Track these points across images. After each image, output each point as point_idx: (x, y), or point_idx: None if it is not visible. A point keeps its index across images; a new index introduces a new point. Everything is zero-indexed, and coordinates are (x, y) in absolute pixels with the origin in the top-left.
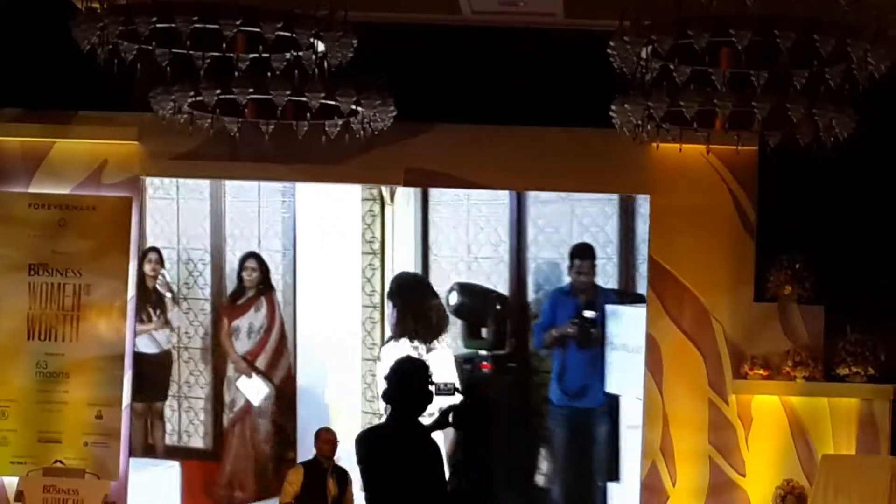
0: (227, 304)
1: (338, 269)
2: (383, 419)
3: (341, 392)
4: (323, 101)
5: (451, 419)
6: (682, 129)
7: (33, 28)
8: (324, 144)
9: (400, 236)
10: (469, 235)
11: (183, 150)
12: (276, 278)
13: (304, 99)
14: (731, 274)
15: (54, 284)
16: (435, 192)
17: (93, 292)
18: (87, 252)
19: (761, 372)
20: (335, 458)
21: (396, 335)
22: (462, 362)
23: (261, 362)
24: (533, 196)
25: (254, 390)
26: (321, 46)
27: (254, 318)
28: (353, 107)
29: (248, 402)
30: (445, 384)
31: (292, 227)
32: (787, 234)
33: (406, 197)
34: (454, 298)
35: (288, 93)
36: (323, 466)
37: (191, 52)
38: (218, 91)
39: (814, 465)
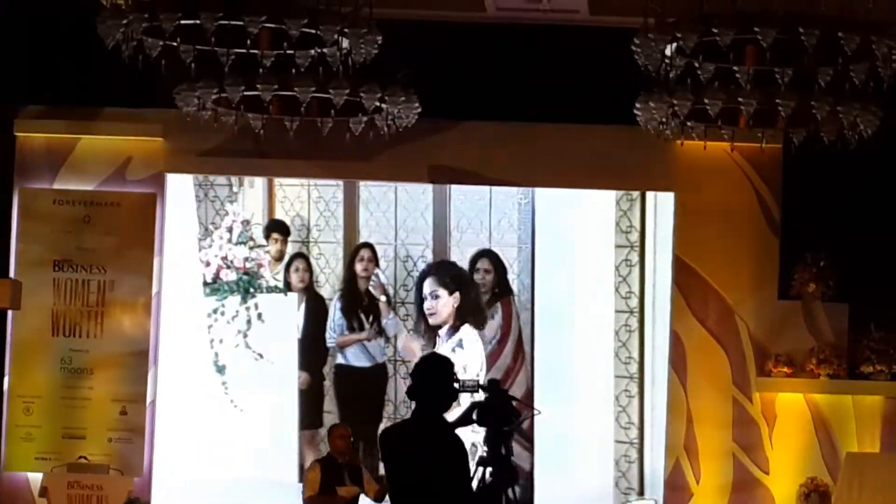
0: None
1: (586, 266)
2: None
3: (588, 416)
4: (347, 97)
5: (474, 416)
6: (707, 127)
7: (58, 25)
8: (348, 141)
9: (663, 225)
10: None
11: (207, 147)
12: (511, 278)
13: (328, 96)
14: (756, 271)
15: (79, 281)
16: None
17: (117, 288)
18: (111, 248)
19: (785, 370)
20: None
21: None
22: None
23: None
24: None
25: None
26: (346, 43)
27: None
28: (378, 103)
29: None
30: (469, 381)
31: (531, 216)
32: (812, 231)
33: None
34: None
35: (312, 89)
36: (338, 462)
37: (215, 48)
38: (242, 88)
39: (838, 463)
